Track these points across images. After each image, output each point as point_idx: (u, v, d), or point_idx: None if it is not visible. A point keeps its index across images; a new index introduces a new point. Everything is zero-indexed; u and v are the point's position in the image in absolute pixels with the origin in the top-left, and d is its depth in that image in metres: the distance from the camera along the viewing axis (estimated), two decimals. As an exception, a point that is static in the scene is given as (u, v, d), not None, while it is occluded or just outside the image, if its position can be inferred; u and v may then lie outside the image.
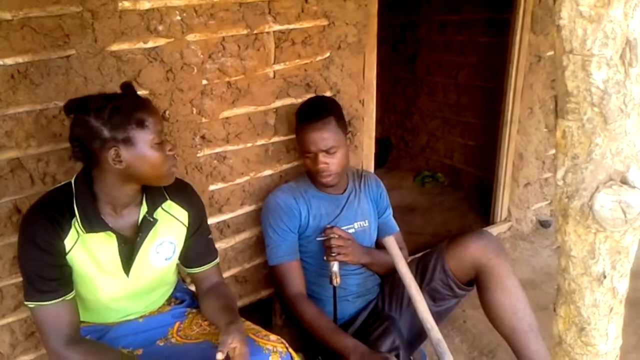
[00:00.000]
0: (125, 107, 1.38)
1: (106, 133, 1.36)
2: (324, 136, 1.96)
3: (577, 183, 0.80)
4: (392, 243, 2.01)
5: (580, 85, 0.76)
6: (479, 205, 3.77)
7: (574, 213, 0.82)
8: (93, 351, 1.44)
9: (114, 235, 1.48)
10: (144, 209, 1.54)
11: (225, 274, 2.24)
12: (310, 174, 2.12)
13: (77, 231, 1.43)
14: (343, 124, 2.05)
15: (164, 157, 1.44)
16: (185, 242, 1.65)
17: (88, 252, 1.46)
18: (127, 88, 1.48)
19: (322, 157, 1.97)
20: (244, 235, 2.33)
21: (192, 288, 1.89)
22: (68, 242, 1.42)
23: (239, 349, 1.39)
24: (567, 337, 0.92)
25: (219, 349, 1.37)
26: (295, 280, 2.06)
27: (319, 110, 2.02)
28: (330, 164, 1.99)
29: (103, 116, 1.36)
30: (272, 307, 2.50)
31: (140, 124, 1.39)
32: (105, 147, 1.37)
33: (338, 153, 1.99)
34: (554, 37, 0.77)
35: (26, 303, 1.41)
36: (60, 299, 1.41)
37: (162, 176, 1.48)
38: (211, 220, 2.20)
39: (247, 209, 2.31)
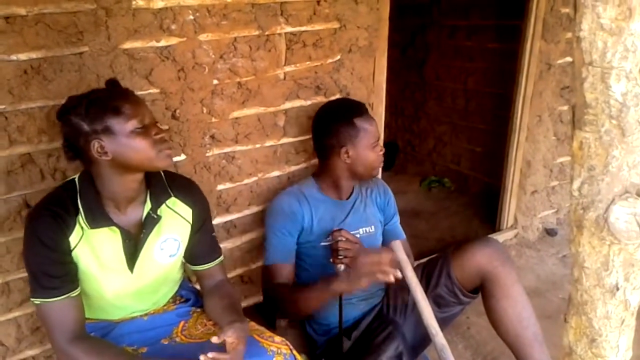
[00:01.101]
0: (100, 99, 1.39)
1: (86, 127, 1.37)
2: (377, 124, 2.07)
3: (592, 195, 0.80)
4: (398, 247, 2.01)
5: (599, 97, 0.76)
6: (485, 212, 3.76)
7: (589, 224, 0.82)
8: (97, 348, 1.45)
9: (118, 231, 1.48)
10: (148, 205, 1.54)
11: (231, 274, 2.24)
12: (317, 178, 2.13)
13: (82, 227, 1.44)
14: None
15: (149, 142, 1.41)
16: (189, 239, 1.65)
17: (92, 248, 1.46)
18: (112, 84, 1.48)
19: (380, 145, 2.06)
20: (251, 236, 2.34)
21: (198, 287, 1.90)
22: (73, 238, 1.43)
23: (235, 345, 1.39)
24: (578, 348, 0.91)
25: (217, 336, 1.38)
26: (284, 279, 2.04)
27: (363, 105, 2.09)
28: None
29: (80, 111, 1.37)
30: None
31: (116, 111, 1.38)
32: (88, 140, 1.38)
33: None
34: (573, 47, 0.77)
35: (32, 299, 1.42)
36: (65, 296, 1.42)
37: (151, 160, 1.43)
38: (218, 220, 2.20)
39: (254, 209, 2.31)
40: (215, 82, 2.03)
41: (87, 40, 1.72)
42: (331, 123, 2.03)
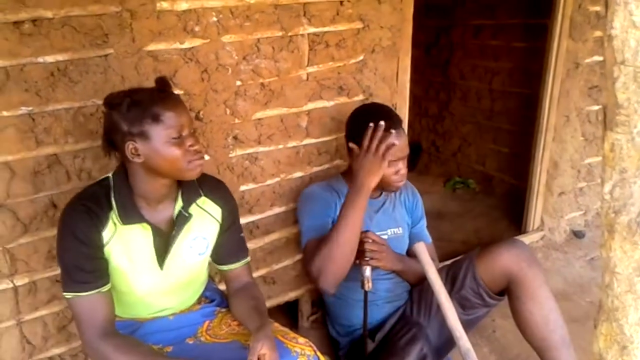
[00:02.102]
0: (142, 101, 1.39)
1: (124, 127, 1.39)
2: (402, 143, 1.96)
3: (625, 198, 0.77)
4: (422, 249, 1.99)
5: (632, 97, 0.73)
6: (511, 213, 3.71)
7: (621, 228, 0.79)
8: (127, 345, 1.46)
9: (149, 228, 1.50)
10: (179, 204, 1.56)
11: (254, 275, 2.23)
12: (345, 175, 2.12)
13: (115, 223, 1.46)
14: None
15: (181, 152, 1.42)
16: (217, 238, 1.67)
17: (124, 244, 1.48)
18: (160, 82, 1.49)
19: (401, 164, 1.99)
20: (273, 237, 2.34)
21: (222, 287, 1.91)
22: (106, 234, 1.45)
23: (268, 356, 1.39)
24: (608, 355, 0.89)
25: (249, 357, 1.37)
26: None
27: (396, 117, 2.02)
28: (405, 169, 2.01)
29: (122, 110, 1.39)
30: (298, 309, 2.50)
31: (156, 119, 1.39)
32: (124, 140, 1.40)
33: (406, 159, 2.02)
34: (604, 46, 0.75)
35: (64, 294, 1.44)
36: (97, 291, 1.44)
37: (181, 170, 1.45)
38: (241, 221, 2.18)
39: (277, 210, 2.31)
40: (238, 83, 2.04)
41: (112, 42, 1.74)
42: (351, 124, 2.04)
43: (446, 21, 4.46)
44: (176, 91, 1.88)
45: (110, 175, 1.51)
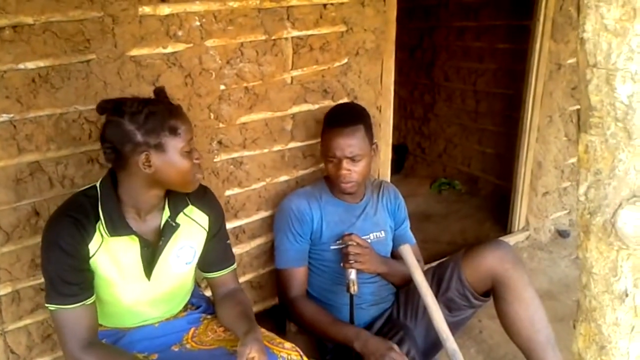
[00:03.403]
0: (160, 113, 1.40)
1: (139, 137, 1.38)
2: (351, 143, 1.94)
3: (599, 199, 0.78)
4: (407, 251, 1.99)
5: (604, 99, 0.74)
6: (496, 214, 3.73)
7: (596, 229, 0.80)
8: (109, 355, 1.45)
9: (137, 239, 1.49)
10: (167, 213, 1.55)
11: (240, 280, 2.24)
12: (328, 180, 2.12)
13: (102, 235, 1.44)
14: (370, 134, 2.03)
15: (191, 165, 1.46)
16: (204, 246, 1.66)
17: (111, 256, 1.47)
18: (160, 93, 1.50)
19: (345, 164, 1.96)
20: (260, 241, 2.33)
21: (207, 293, 1.90)
22: (92, 246, 1.43)
23: (257, 359, 1.39)
24: (587, 355, 0.90)
25: (237, 355, 1.37)
26: (299, 285, 2.08)
27: (349, 117, 2.01)
28: (353, 171, 1.97)
29: (138, 120, 1.37)
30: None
31: (173, 131, 1.40)
32: (137, 151, 1.38)
33: (362, 162, 1.98)
34: (577, 49, 0.76)
35: (47, 305, 1.42)
36: (81, 304, 1.42)
37: (188, 183, 1.49)
38: (227, 226, 2.19)
39: (263, 214, 2.31)
40: (222, 87, 2.03)
41: (94, 47, 1.73)
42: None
43: (430, 23, 4.48)
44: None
45: (97, 184, 1.49)
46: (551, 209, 3.41)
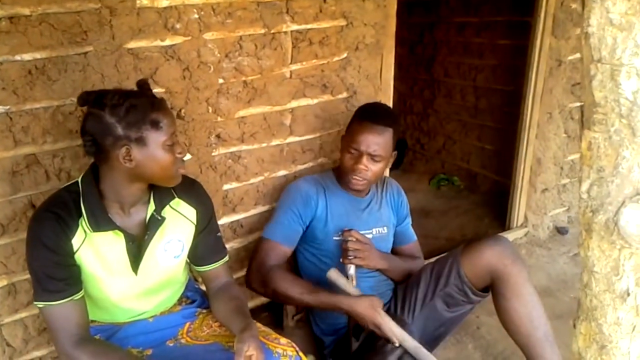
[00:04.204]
0: (142, 107, 1.37)
1: (120, 131, 1.35)
2: (378, 141, 1.94)
3: (602, 197, 0.77)
4: (335, 277, 1.97)
5: (609, 95, 0.73)
6: (495, 210, 3.73)
7: (598, 228, 0.79)
8: (102, 351, 1.44)
9: (121, 234, 1.47)
10: (152, 207, 1.53)
11: (238, 274, 2.23)
12: (337, 171, 2.11)
13: (85, 230, 1.43)
14: (395, 142, 2.02)
15: (173, 159, 1.44)
16: (193, 240, 1.64)
17: (96, 251, 1.45)
18: (143, 86, 1.47)
19: (365, 160, 1.95)
20: (257, 236, 2.31)
21: (204, 287, 1.89)
22: (75, 241, 1.42)
23: (255, 357, 1.38)
24: (587, 354, 0.89)
25: (236, 359, 1.36)
26: (279, 260, 2.02)
27: (384, 116, 2.00)
28: (369, 170, 1.97)
29: (119, 113, 1.35)
30: (283, 309, 2.49)
31: (155, 125, 1.38)
32: (118, 144, 1.36)
33: (380, 164, 1.98)
34: (581, 44, 0.74)
35: (35, 303, 1.41)
36: (69, 299, 1.41)
37: (170, 177, 1.47)
38: (225, 220, 2.19)
39: (261, 209, 2.30)
40: (220, 81, 2.02)
41: (92, 39, 1.72)
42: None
43: (430, 18, 4.46)
44: (157, 89, 1.87)
45: (78, 180, 1.47)
46: (550, 205, 3.41)
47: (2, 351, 1.81)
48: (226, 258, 1.72)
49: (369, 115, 1.99)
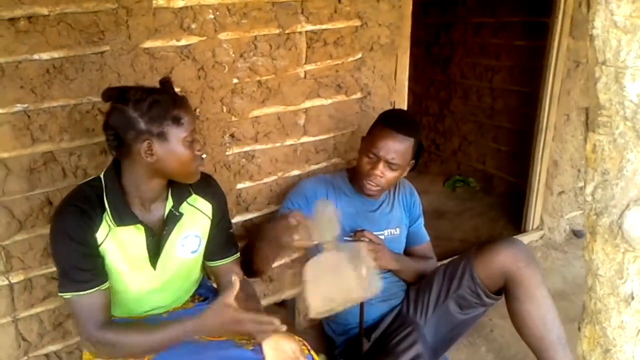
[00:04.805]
0: (164, 102, 1.41)
1: (142, 125, 1.39)
2: (397, 149, 1.92)
3: (606, 200, 0.77)
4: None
5: (613, 98, 0.73)
6: (510, 212, 3.70)
7: (603, 231, 0.79)
8: (124, 325, 1.50)
9: (142, 229, 1.51)
10: (170, 203, 1.56)
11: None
12: (350, 172, 2.12)
13: (108, 224, 1.46)
14: (414, 152, 2.02)
15: (192, 156, 1.47)
16: (209, 234, 1.67)
17: (119, 245, 1.49)
18: (166, 84, 1.50)
19: (381, 166, 1.94)
20: (270, 234, 2.33)
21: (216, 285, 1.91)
22: (100, 235, 1.45)
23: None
24: (592, 358, 0.88)
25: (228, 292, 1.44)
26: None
27: (407, 125, 1.98)
28: (384, 177, 1.96)
29: (142, 108, 1.39)
30: (295, 307, 2.50)
31: (176, 121, 1.42)
32: (140, 138, 1.40)
33: (396, 172, 1.97)
34: (587, 46, 0.74)
35: (61, 294, 1.44)
36: (96, 289, 1.45)
37: (189, 174, 1.51)
38: (238, 219, 2.21)
39: (274, 208, 2.30)
40: (235, 80, 2.03)
41: (108, 39, 1.74)
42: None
43: (447, 19, 4.44)
44: (172, 89, 1.89)
45: (101, 175, 1.51)
46: (566, 208, 3.37)
47: (17, 345, 1.84)
48: (237, 254, 1.75)
49: (392, 122, 1.97)
